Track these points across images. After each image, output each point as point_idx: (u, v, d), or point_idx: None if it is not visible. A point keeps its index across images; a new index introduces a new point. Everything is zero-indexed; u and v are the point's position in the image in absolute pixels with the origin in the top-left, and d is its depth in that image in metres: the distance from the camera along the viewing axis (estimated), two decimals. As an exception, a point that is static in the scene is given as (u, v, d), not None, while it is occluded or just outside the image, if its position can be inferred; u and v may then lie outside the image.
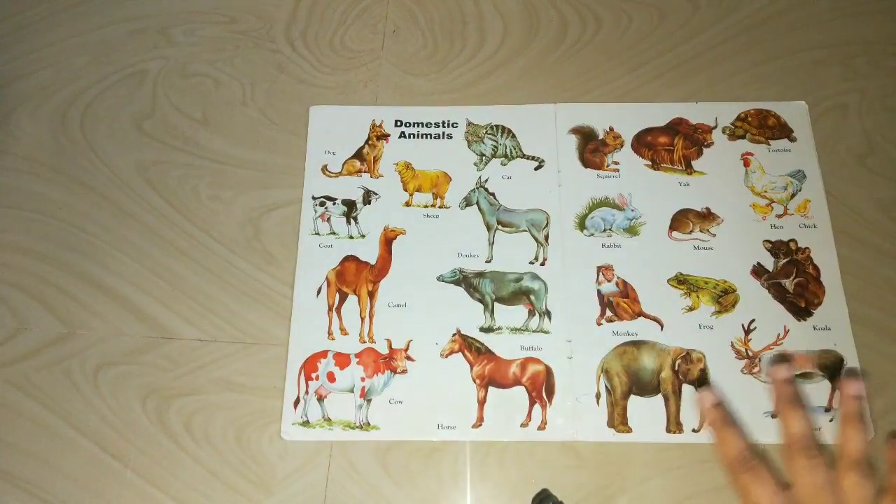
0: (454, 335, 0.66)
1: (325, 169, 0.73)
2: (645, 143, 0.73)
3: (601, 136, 0.74)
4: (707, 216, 0.70)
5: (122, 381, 0.65)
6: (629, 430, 0.62)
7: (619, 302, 0.67)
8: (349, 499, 0.61)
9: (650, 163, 0.73)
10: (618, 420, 0.63)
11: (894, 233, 0.69)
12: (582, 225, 0.70)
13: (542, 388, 0.64)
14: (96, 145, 0.75)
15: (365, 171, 0.73)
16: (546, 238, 0.69)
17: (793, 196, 0.71)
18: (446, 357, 0.65)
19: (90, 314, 0.68)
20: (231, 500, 0.61)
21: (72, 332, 0.67)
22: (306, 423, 0.63)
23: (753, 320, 0.66)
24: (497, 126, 0.74)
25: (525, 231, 0.70)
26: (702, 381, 0.63)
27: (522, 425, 0.63)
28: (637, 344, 0.65)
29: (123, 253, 0.70)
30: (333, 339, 0.66)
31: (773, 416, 0.61)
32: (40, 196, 0.73)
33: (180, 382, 0.65)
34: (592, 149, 0.73)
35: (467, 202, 0.71)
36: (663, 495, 0.60)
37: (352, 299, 0.68)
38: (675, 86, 0.76)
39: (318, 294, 0.68)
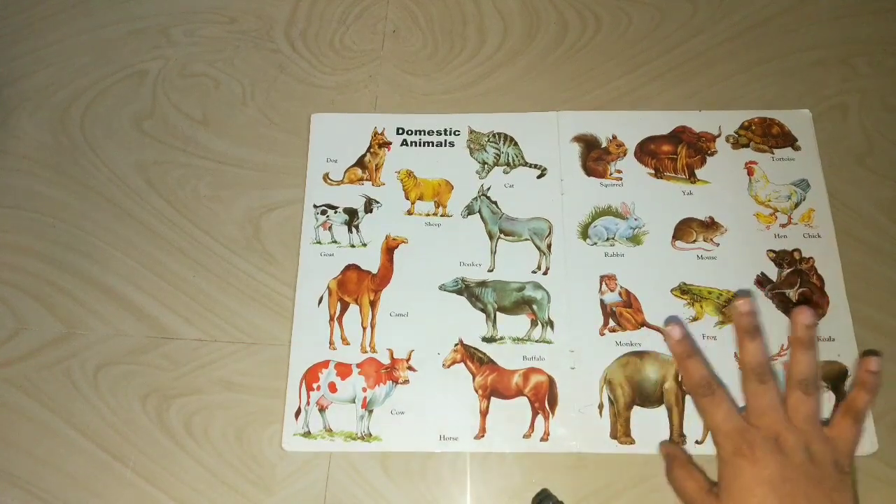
0: (456, 345, 0.65)
1: (326, 177, 0.73)
2: (648, 151, 0.73)
3: (604, 145, 0.73)
4: (710, 225, 0.70)
5: (122, 381, 0.65)
6: (632, 442, 0.62)
7: (622, 312, 0.66)
8: (349, 498, 0.61)
9: (653, 171, 0.72)
10: (621, 431, 0.63)
11: (897, 237, 0.69)
12: (585, 234, 0.70)
13: (544, 398, 0.64)
14: (96, 145, 0.75)
15: (367, 180, 0.73)
16: (549, 247, 0.69)
17: (797, 205, 0.70)
18: (448, 367, 0.65)
19: (90, 314, 0.68)
20: (231, 500, 0.61)
21: (72, 332, 0.67)
22: (308, 434, 0.63)
23: (757, 330, 0.65)
24: (499, 134, 0.74)
25: (527, 240, 0.69)
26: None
27: (525, 436, 0.62)
28: (640, 354, 0.65)
29: (123, 253, 0.70)
30: (335, 349, 0.66)
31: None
32: (40, 196, 0.73)
33: (180, 382, 0.65)
34: (595, 157, 0.73)
35: (469, 211, 0.71)
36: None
37: (353, 309, 0.67)
38: (675, 86, 0.76)
39: (319, 304, 0.67)
